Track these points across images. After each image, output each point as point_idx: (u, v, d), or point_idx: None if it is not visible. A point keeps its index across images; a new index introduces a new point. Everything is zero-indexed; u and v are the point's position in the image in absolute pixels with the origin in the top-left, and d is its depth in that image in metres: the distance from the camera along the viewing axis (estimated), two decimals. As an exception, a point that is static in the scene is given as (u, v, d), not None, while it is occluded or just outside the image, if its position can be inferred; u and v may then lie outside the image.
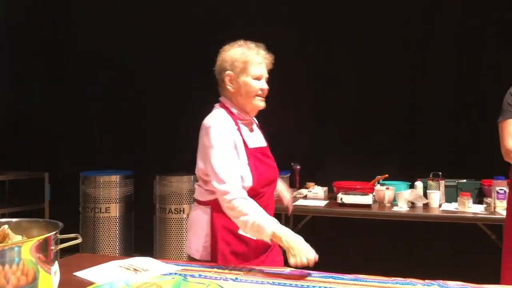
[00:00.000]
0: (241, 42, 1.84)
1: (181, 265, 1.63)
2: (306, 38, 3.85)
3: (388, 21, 3.74)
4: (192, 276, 1.49)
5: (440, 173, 3.20)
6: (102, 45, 4.38)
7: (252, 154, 1.76)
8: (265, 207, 1.75)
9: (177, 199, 3.78)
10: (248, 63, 1.76)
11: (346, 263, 2.86)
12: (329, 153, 3.94)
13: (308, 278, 1.48)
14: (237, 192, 1.61)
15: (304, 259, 1.48)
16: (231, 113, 1.78)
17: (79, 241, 1.23)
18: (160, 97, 4.32)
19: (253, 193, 1.71)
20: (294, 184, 3.75)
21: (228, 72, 1.78)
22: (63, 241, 1.22)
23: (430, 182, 3.18)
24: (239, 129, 1.76)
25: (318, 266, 1.56)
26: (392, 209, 3.02)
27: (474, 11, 3.57)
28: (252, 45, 1.82)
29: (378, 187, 3.23)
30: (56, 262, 1.19)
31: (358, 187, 3.33)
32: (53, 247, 1.15)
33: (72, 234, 1.27)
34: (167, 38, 4.19)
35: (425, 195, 3.12)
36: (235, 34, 3.91)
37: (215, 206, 1.71)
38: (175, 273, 1.51)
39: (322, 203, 3.28)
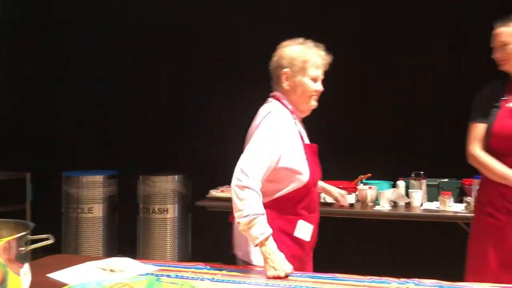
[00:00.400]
0: (301, 40, 1.80)
1: (159, 265, 1.62)
2: (306, 38, 3.81)
3: (388, 21, 3.73)
4: (169, 276, 1.49)
5: (422, 172, 3.23)
6: (103, 45, 4.32)
7: (307, 149, 1.74)
8: (314, 209, 1.75)
9: (161, 199, 3.75)
10: (307, 63, 1.74)
11: (327, 262, 2.87)
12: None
13: (286, 278, 1.48)
14: (256, 181, 1.55)
15: (282, 273, 1.48)
16: (286, 107, 1.76)
17: (50, 241, 1.22)
18: (143, 97, 4.28)
19: (306, 191, 1.69)
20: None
21: (285, 69, 1.75)
22: (35, 241, 1.20)
23: (412, 181, 3.20)
24: (295, 123, 1.76)
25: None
26: (374, 208, 3.04)
27: (474, 10, 3.57)
28: (311, 44, 1.79)
29: (360, 186, 3.25)
30: (27, 264, 1.17)
31: (341, 186, 3.33)
32: (23, 248, 1.13)
33: (43, 235, 1.25)
34: (167, 38, 4.14)
35: (408, 194, 3.15)
36: (235, 34, 3.92)
37: (269, 208, 1.63)
38: (151, 274, 1.49)
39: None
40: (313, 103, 1.78)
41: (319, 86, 1.77)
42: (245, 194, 1.53)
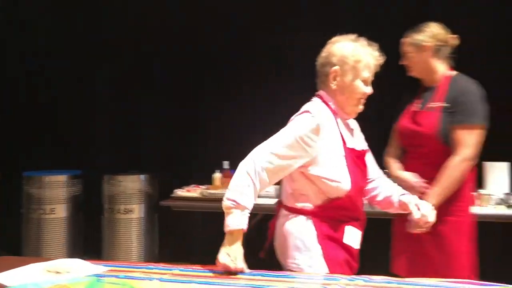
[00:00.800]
0: (353, 36, 1.64)
1: (110, 266, 1.57)
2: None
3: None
4: (117, 276, 1.44)
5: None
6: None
7: (349, 154, 1.61)
8: (359, 216, 1.63)
9: (126, 199, 3.68)
10: (360, 63, 1.59)
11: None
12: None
13: (237, 276, 1.46)
14: (261, 174, 1.49)
15: (232, 264, 1.45)
16: (330, 108, 1.64)
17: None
18: (104, 95, 4.19)
19: (349, 199, 1.56)
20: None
21: (335, 68, 1.60)
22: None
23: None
24: (337, 125, 1.63)
25: (263, 265, 1.54)
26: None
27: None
28: (365, 42, 1.63)
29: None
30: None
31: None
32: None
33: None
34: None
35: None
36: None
37: (314, 214, 1.58)
38: (98, 274, 1.45)
39: (273, 201, 3.27)
40: (360, 108, 1.65)
41: (369, 89, 1.63)
42: (243, 180, 1.49)
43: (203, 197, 3.29)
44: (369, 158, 1.78)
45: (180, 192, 3.38)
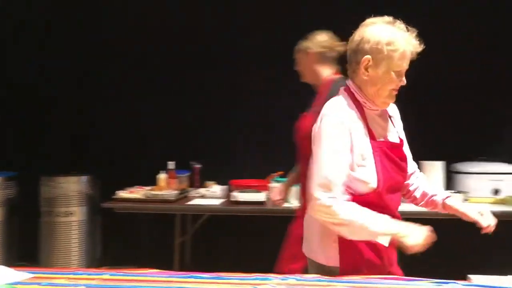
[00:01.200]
0: (390, 19, 1.47)
1: (35, 273, 1.49)
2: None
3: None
4: (39, 284, 1.38)
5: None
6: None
7: (380, 148, 1.48)
8: (390, 214, 1.50)
9: (66, 202, 3.53)
10: (396, 53, 1.42)
11: (239, 262, 2.84)
12: (231, 151, 3.93)
13: (167, 279, 1.43)
14: (338, 193, 1.40)
15: (424, 231, 1.39)
16: (356, 100, 1.50)
17: None
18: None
19: (376, 200, 1.45)
20: (194, 184, 3.68)
21: (367, 57, 1.43)
22: None
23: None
24: (364, 118, 1.49)
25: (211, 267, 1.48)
26: (283, 206, 3.06)
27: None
28: (402, 26, 1.46)
29: (272, 184, 3.27)
30: None
31: (254, 184, 3.35)
32: None
33: None
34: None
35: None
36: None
37: None
38: (18, 282, 1.37)
39: (219, 201, 3.26)
40: (392, 100, 1.52)
41: (403, 81, 1.48)
42: (336, 211, 1.38)
43: (147, 199, 3.21)
44: (406, 150, 1.65)
45: (123, 194, 3.28)
